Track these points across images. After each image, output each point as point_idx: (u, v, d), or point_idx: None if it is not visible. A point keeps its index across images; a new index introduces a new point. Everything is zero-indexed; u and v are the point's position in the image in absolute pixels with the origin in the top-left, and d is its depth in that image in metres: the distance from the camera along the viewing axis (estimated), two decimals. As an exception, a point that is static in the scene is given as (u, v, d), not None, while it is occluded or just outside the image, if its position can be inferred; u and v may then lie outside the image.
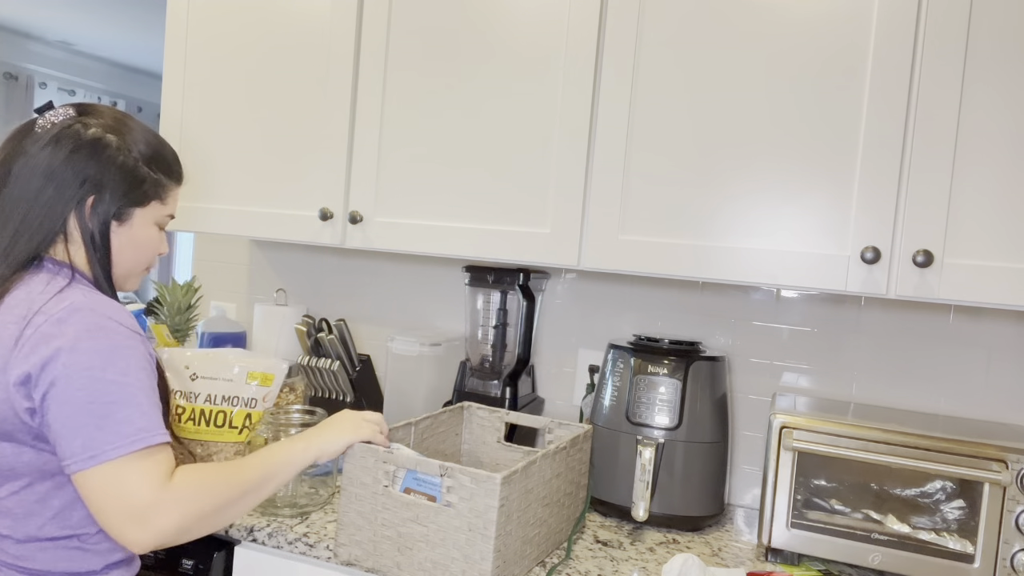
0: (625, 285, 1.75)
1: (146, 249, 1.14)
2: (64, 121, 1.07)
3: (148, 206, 1.12)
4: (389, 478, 1.18)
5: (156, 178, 1.11)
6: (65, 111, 1.08)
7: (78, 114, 1.08)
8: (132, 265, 1.13)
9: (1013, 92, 1.18)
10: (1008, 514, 1.19)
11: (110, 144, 1.07)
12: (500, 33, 1.48)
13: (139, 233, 1.12)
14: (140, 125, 1.13)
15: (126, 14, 4.87)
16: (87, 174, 1.05)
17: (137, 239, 1.12)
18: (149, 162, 1.11)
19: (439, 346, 1.75)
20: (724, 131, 1.33)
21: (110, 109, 1.12)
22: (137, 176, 1.09)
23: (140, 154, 1.10)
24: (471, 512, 1.11)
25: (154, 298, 1.98)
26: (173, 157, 1.16)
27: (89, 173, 1.05)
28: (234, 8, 1.71)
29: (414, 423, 1.37)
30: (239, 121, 1.71)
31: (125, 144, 1.08)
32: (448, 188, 1.53)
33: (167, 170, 1.14)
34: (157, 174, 1.12)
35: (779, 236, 1.30)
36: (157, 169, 1.12)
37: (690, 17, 1.35)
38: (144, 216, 1.12)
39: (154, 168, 1.11)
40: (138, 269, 1.15)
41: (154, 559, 1.36)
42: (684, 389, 1.43)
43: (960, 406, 1.52)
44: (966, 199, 1.20)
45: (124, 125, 1.10)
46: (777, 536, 1.31)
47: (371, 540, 1.19)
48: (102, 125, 1.08)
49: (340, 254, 2.03)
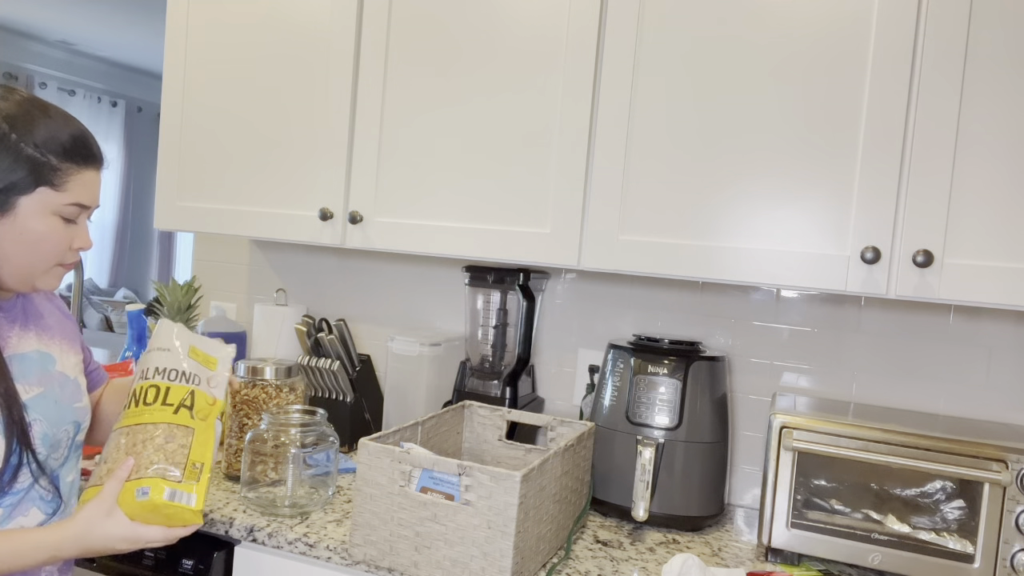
0: (625, 285, 1.75)
1: (43, 243, 1.01)
2: None
3: (34, 193, 0.98)
4: (405, 478, 1.18)
5: (44, 160, 0.98)
6: None
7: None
8: (29, 263, 1.01)
9: (1013, 92, 1.18)
10: (1008, 514, 1.19)
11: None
12: (500, 32, 1.48)
13: (29, 225, 0.99)
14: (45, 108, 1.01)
15: (126, 14, 4.87)
16: None
17: (28, 232, 0.99)
18: (40, 145, 0.98)
19: (439, 346, 1.75)
20: (724, 131, 1.33)
21: (24, 94, 1.02)
22: (17, 160, 0.97)
23: (26, 135, 0.97)
24: (490, 510, 1.12)
25: (154, 298, 1.98)
26: (74, 139, 1.02)
27: None
28: (234, 8, 1.71)
29: (420, 423, 1.37)
30: (239, 121, 1.71)
31: (7, 125, 0.97)
32: (448, 188, 1.53)
33: (61, 152, 1.00)
34: (46, 156, 0.98)
35: (779, 236, 1.30)
36: (48, 152, 0.98)
37: (690, 17, 1.35)
38: (32, 205, 0.98)
39: (44, 151, 0.98)
40: (42, 267, 1.03)
41: (154, 559, 1.36)
42: (684, 389, 1.43)
43: (960, 406, 1.52)
44: (966, 199, 1.20)
45: (19, 107, 0.99)
46: (777, 536, 1.31)
47: (387, 540, 1.19)
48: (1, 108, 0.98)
49: (340, 254, 2.03)
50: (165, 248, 7.22)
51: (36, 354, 1.08)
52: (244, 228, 1.70)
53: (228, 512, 1.35)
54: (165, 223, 1.79)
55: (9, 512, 1.02)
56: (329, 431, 1.42)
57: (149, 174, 6.97)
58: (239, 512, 1.35)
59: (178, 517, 1.03)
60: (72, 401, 1.11)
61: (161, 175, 1.79)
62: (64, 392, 1.10)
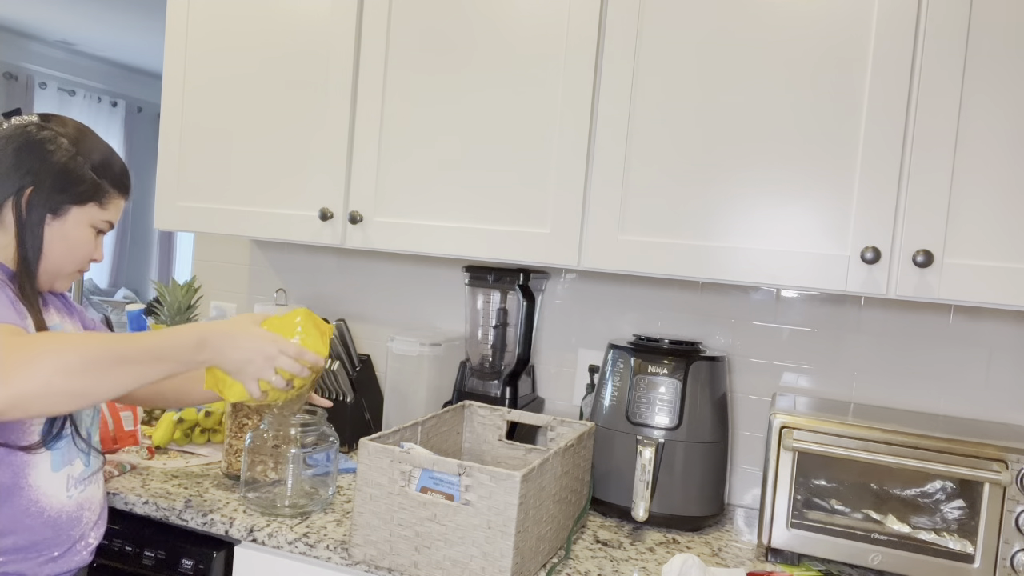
0: (625, 285, 1.75)
1: (77, 249, 1.17)
2: (22, 122, 1.14)
3: (86, 206, 1.16)
4: (405, 478, 1.18)
5: (99, 183, 1.17)
6: (30, 117, 1.15)
7: (41, 120, 1.15)
8: (62, 263, 1.17)
9: (1013, 92, 1.18)
10: (1008, 514, 1.19)
11: (60, 145, 1.14)
12: (501, 33, 1.48)
13: (72, 231, 1.16)
14: (99, 139, 1.20)
15: (126, 14, 4.87)
16: (30, 166, 1.11)
17: (70, 236, 1.16)
18: (95, 167, 1.16)
19: (439, 346, 1.75)
20: (724, 131, 1.33)
21: (74, 122, 1.19)
22: (78, 175, 1.14)
23: (87, 158, 1.16)
24: (490, 510, 1.12)
25: (154, 298, 1.98)
26: (122, 170, 1.21)
27: (33, 166, 1.11)
28: (234, 7, 1.71)
29: (421, 423, 1.37)
30: (239, 121, 1.71)
31: (74, 147, 1.15)
32: (448, 188, 1.53)
33: (111, 178, 1.19)
34: (101, 179, 1.17)
35: (779, 236, 1.30)
36: (102, 175, 1.17)
37: (690, 16, 1.35)
38: (80, 215, 1.16)
39: (99, 173, 1.17)
40: (68, 269, 1.18)
41: (154, 559, 1.36)
42: (684, 389, 1.43)
43: (960, 406, 1.52)
44: (966, 199, 1.20)
45: (81, 134, 1.17)
46: (777, 536, 1.31)
47: (387, 540, 1.19)
48: (58, 131, 1.15)
49: (340, 254, 2.03)
50: (165, 248, 7.21)
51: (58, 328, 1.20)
52: (244, 228, 1.70)
53: (228, 512, 1.35)
54: (165, 223, 1.79)
55: (62, 455, 1.14)
56: (329, 431, 1.42)
57: (149, 174, 6.96)
58: (239, 512, 1.35)
59: (316, 330, 1.18)
60: None
61: (161, 175, 1.79)
62: None
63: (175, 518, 1.35)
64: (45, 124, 1.15)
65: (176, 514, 1.35)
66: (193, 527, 1.35)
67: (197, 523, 1.34)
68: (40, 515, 1.10)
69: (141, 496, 1.38)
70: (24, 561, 1.09)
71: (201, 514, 1.34)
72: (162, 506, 1.36)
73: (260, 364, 1.10)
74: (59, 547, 1.13)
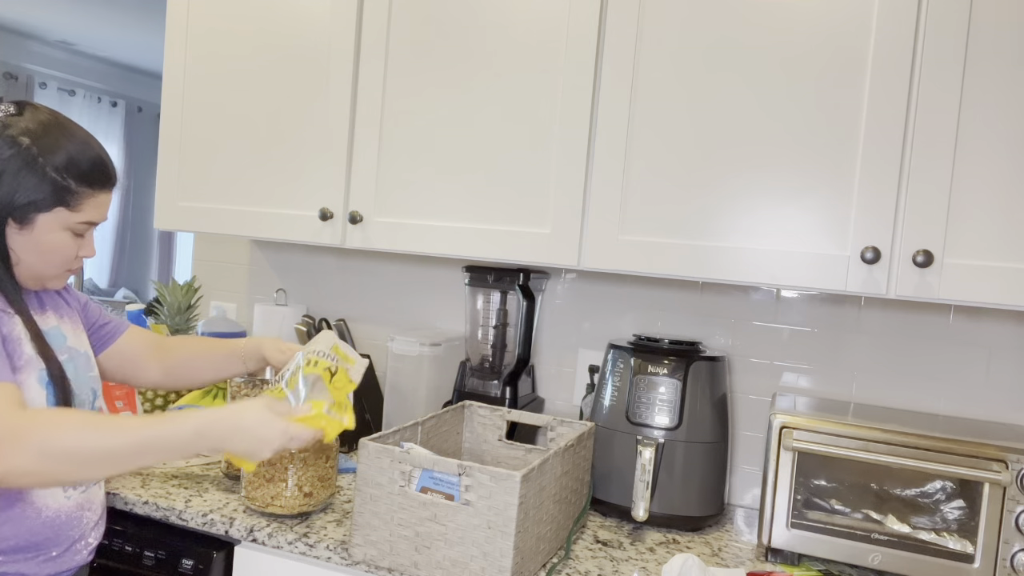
0: (625, 285, 1.75)
1: (54, 254, 1.11)
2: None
3: (53, 211, 1.09)
4: (405, 478, 1.18)
5: (63, 184, 1.08)
6: (6, 108, 1.09)
7: (16, 112, 1.08)
8: (42, 268, 1.12)
9: (1014, 92, 1.18)
10: (1008, 514, 1.19)
11: (19, 146, 1.06)
12: (501, 33, 1.48)
13: (44, 237, 1.10)
14: (69, 132, 1.10)
15: (126, 14, 4.87)
16: None
17: (42, 243, 1.10)
18: (59, 168, 1.08)
19: (439, 346, 1.75)
20: (724, 131, 1.33)
21: (46, 112, 1.11)
22: (37, 180, 1.06)
23: (48, 159, 1.07)
24: (490, 510, 1.12)
25: (154, 298, 1.98)
26: (93, 165, 1.11)
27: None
28: (234, 8, 1.71)
29: (421, 423, 1.37)
30: (239, 121, 1.71)
31: (36, 148, 1.06)
32: (448, 188, 1.53)
33: (79, 177, 1.10)
34: (67, 180, 1.08)
35: (779, 236, 1.30)
36: (67, 176, 1.08)
37: (690, 16, 1.35)
38: (49, 221, 1.09)
39: (63, 174, 1.08)
40: (52, 272, 1.14)
41: (154, 559, 1.36)
42: (684, 389, 1.43)
43: (960, 406, 1.52)
44: (966, 199, 1.20)
45: (46, 129, 1.08)
46: (777, 536, 1.31)
47: (387, 540, 1.19)
48: (23, 128, 1.07)
49: (340, 254, 2.03)
50: (165, 248, 7.21)
51: (55, 331, 1.19)
52: (244, 228, 1.70)
53: (228, 512, 1.35)
54: (165, 223, 1.79)
55: None
56: (329, 431, 1.42)
57: (149, 174, 6.96)
58: (239, 512, 1.35)
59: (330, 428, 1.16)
60: (87, 371, 1.21)
61: (161, 175, 1.79)
62: (79, 363, 1.20)
63: (175, 518, 1.35)
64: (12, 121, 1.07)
65: (176, 514, 1.35)
66: (193, 527, 1.35)
67: (197, 523, 1.34)
68: (39, 515, 1.10)
69: (141, 496, 1.38)
70: (24, 561, 1.09)
71: (201, 514, 1.34)
72: (162, 506, 1.36)
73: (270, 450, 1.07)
74: (58, 547, 1.13)
